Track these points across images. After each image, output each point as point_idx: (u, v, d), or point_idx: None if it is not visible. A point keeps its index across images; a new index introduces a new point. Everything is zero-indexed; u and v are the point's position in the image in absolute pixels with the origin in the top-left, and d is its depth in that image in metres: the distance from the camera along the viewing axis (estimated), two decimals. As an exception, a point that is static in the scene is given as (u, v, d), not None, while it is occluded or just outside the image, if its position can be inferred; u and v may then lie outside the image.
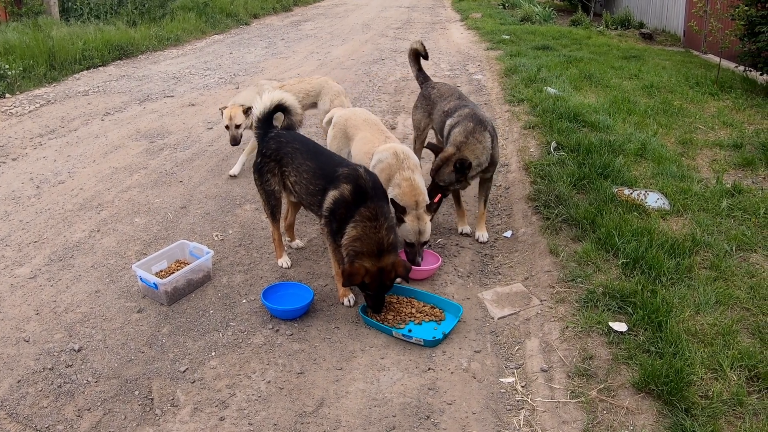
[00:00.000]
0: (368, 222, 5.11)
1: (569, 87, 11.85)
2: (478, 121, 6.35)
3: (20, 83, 12.86)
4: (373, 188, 5.27)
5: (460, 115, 6.48)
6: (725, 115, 10.16)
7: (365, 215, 5.13)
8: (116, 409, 4.39)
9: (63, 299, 5.68)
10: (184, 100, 12.28)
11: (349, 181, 5.25)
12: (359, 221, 5.13)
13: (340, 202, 5.24)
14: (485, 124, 6.37)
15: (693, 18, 15.22)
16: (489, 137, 6.30)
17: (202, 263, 5.86)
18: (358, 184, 5.22)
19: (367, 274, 5.07)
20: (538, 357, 4.82)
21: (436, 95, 7.25)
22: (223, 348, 5.03)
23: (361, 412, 4.35)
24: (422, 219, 5.75)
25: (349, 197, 5.20)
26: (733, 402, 4.12)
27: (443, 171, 6.18)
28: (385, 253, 5.13)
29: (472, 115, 6.42)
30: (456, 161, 6.09)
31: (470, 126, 6.29)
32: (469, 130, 6.25)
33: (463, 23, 23.89)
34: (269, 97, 5.94)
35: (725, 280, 5.49)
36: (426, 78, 7.85)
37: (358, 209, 5.15)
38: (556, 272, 5.79)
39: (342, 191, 5.24)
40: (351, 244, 5.17)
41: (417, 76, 7.93)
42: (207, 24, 21.01)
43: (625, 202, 6.71)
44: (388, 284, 5.20)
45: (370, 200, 5.18)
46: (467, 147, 6.18)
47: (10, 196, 7.81)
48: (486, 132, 6.30)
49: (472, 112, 6.48)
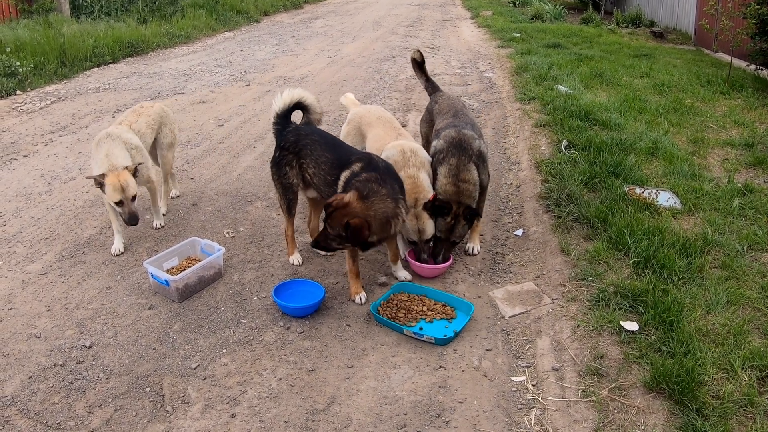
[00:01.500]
0: (373, 184, 5.19)
1: (580, 85, 11.82)
2: (460, 150, 6.06)
3: (31, 80, 12.90)
4: (385, 168, 5.37)
5: (443, 144, 6.18)
6: (737, 114, 10.12)
7: (369, 177, 5.23)
8: (127, 405, 4.40)
9: (74, 295, 5.70)
10: (194, 98, 12.30)
11: (362, 160, 5.38)
12: (363, 181, 5.23)
13: (350, 177, 5.33)
14: (469, 153, 6.06)
15: (704, 16, 15.17)
16: (474, 167, 6.04)
17: (213, 260, 5.87)
18: (370, 161, 5.34)
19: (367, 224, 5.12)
20: (549, 356, 4.81)
21: (437, 111, 7.02)
22: (234, 345, 5.04)
23: (372, 409, 4.35)
24: (420, 217, 5.74)
25: (358, 170, 5.29)
26: (744, 402, 4.10)
27: (458, 228, 5.97)
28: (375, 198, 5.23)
29: (456, 144, 6.10)
30: (463, 215, 5.93)
31: (453, 164, 5.99)
32: (453, 173, 5.97)
33: (473, 21, 23.88)
34: (288, 94, 5.99)
35: (737, 279, 5.47)
36: (435, 88, 7.53)
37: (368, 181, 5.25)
38: (567, 271, 5.78)
39: (353, 168, 5.35)
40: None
41: (426, 87, 7.62)
42: (217, 21, 21.05)
43: (636, 201, 6.69)
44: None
45: (380, 174, 5.27)
46: (462, 195, 5.94)
47: (21, 192, 7.83)
48: (470, 164, 6.03)
49: (456, 138, 6.14)
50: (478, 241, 6.54)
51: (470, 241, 6.56)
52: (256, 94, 12.46)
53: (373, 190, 5.18)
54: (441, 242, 6.03)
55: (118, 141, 6.30)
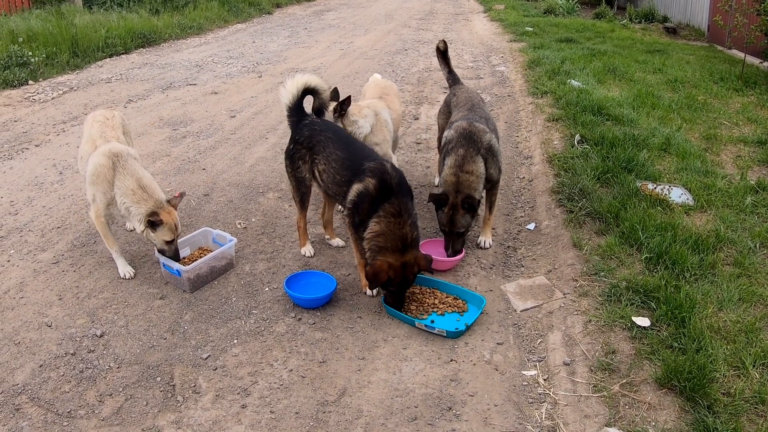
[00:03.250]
0: (392, 218, 5.11)
1: (593, 80, 11.79)
2: (469, 142, 6.06)
3: (43, 70, 12.94)
4: (399, 184, 5.26)
5: (454, 134, 6.19)
6: (750, 111, 10.08)
7: (389, 211, 5.13)
8: (138, 395, 4.41)
9: (86, 285, 5.72)
10: (206, 89, 12.31)
11: (375, 175, 5.23)
12: (383, 217, 5.13)
13: (364, 195, 5.23)
14: (478, 145, 6.06)
15: (718, 12, 15.12)
16: (481, 160, 6.02)
17: (225, 251, 5.88)
18: (384, 179, 5.20)
19: (390, 269, 5.06)
20: (560, 350, 4.80)
21: (454, 103, 7.00)
22: (245, 336, 5.04)
23: (383, 402, 4.35)
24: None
25: (373, 192, 5.18)
26: (755, 400, 4.09)
27: (457, 218, 5.94)
28: (408, 249, 5.13)
29: (466, 135, 6.10)
30: (463, 203, 5.89)
31: (460, 155, 5.99)
32: (458, 164, 5.97)
33: (486, 15, 23.83)
34: (293, 83, 5.91)
35: (749, 277, 5.45)
36: (455, 80, 7.50)
37: (383, 204, 5.14)
38: (579, 265, 5.77)
39: (366, 185, 5.23)
40: (374, 239, 5.16)
41: (447, 78, 7.59)
42: (229, 13, 21.05)
43: (648, 197, 6.67)
44: (411, 279, 5.21)
45: (395, 196, 5.17)
46: (462, 185, 5.92)
47: (33, 182, 7.86)
48: (478, 156, 6.01)
49: (466, 130, 6.15)
50: (490, 235, 6.53)
51: (482, 234, 6.54)
52: (268, 86, 12.46)
53: (400, 236, 5.14)
54: (446, 235, 6.04)
55: (138, 164, 5.75)
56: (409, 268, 5.12)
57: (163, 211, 5.49)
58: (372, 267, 5.11)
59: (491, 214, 6.52)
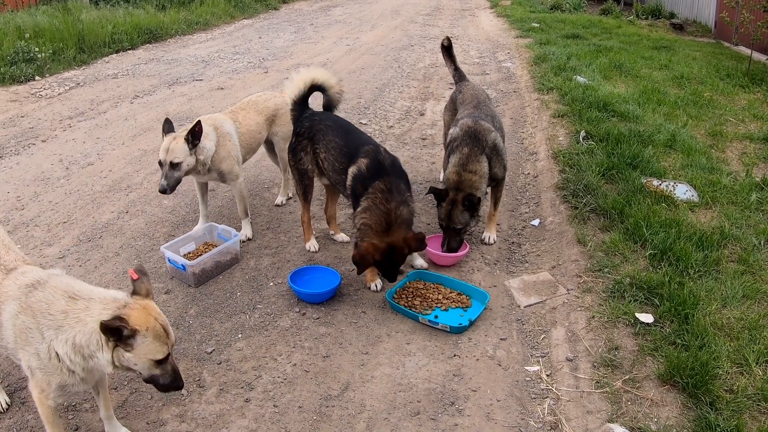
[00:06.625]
0: (379, 194, 5.14)
1: (599, 76, 11.76)
2: (474, 140, 6.05)
3: (50, 66, 12.98)
4: (392, 165, 5.32)
5: (459, 132, 6.19)
6: (756, 107, 10.05)
7: (378, 188, 5.16)
8: (142, 388, 4.43)
9: (91, 279, 5.73)
10: (212, 84, 12.32)
11: (367, 155, 5.30)
12: (371, 193, 5.17)
13: (357, 177, 5.30)
14: (482, 144, 6.04)
15: (724, 9, 15.07)
16: (485, 159, 6.01)
17: (230, 246, 5.90)
18: (376, 159, 5.27)
19: (377, 251, 5.08)
20: (563, 346, 4.81)
21: (460, 100, 6.99)
22: (249, 330, 5.07)
23: (386, 396, 4.37)
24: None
25: (365, 172, 5.24)
26: (758, 397, 4.09)
27: (455, 214, 5.89)
28: (394, 226, 5.13)
29: (471, 134, 6.09)
30: (464, 200, 5.86)
31: (464, 153, 5.98)
32: (462, 162, 5.96)
33: (492, 10, 23.79)
34: (301, 78, 5.94)
35: (753, 274, 5.44)
36: (461, 77, 7.52)
37: (373, 183, 5.19)
38: (583, 262, 5.77)
39: (359, 166, 5.29)
40: (360, 215, 5.20)
41: (453, 75, 7.62)
42: (236, 8, 21.07)
43: (653, 193, 6.66)
44: (400, 261, 5.21)
45: (387, 175, 5.21)
46: (464, 184, 5.91)
47: (39, 177, 7.89)
48: (482, 155, 6.00)
49: (471, 129, 6.13)
50: (494, 231, 6.53)
51: (487, 230, 6.55)
52: (274, 81, 12.46)
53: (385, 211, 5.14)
54: (444, 231, 6.04)
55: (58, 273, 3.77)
56: (398, 251, 5.12)
57: (130, 309, 3.38)
58: (357, 250, 5.13)
59: (496, 210, 6.53)
